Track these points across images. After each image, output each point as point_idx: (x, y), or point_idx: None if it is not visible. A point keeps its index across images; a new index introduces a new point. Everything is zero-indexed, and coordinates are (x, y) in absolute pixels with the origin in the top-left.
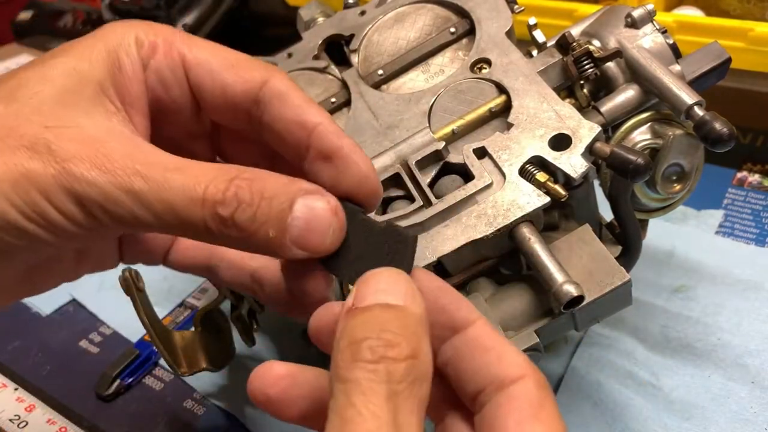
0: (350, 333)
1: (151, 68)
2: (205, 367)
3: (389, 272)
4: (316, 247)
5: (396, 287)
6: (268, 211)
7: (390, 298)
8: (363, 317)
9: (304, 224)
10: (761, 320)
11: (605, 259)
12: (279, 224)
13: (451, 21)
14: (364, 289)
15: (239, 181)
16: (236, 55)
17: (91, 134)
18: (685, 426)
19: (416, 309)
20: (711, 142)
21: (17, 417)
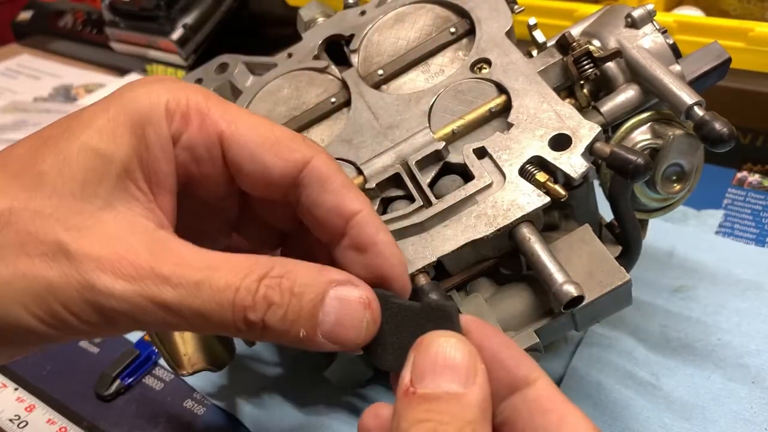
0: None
1: (183, 144)
2: (205, 367)
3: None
4: (351, 341)
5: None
6: (299, 309)
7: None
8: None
9: (336, 320)
10: (761, 320)
11: (605, 259)
12: (310, 322)
13: (451, 21)
14: (421, 360)
15: (269, 280)
16: (277, 132)
17: (113, 233)
18: (685, 426)
19: (478, 394)
20: (711, 142)
21: (17, 417)
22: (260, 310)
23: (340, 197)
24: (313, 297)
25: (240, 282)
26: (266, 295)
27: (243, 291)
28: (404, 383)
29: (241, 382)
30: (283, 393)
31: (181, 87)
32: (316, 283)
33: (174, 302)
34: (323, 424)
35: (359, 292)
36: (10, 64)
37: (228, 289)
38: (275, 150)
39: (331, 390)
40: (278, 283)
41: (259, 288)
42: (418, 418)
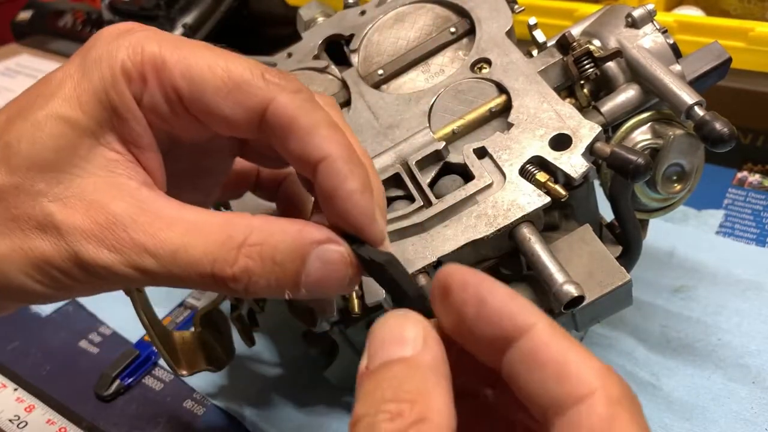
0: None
1: (146, 106)
2: (204, 367)
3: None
4: (334, 294)
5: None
6: (282, 276)
7: (397, 349)
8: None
9: (318, 279)
10: (762, 320)
11: (606, 259)
12: (294, 285)
13: (451, 21)
14: (372, 344)
15: (247, 249)
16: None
17: (94, 200)
18: (686, 426)
19: (426, 356)
20: (711, 142)
21: (17, 417)
22: (242, 281)
23: (303, 143)
24: (294, 262)
25: (217, 251)
26: (246, 267)
27: (221, 262)
28: (360, 369)
29: (241, 382)
30: (283, 393)
31: (138, 39)
32: (297, 246)
33: (154, 270)
34: (323, 424)
35: (340, 250)
36: (9, 64)
37: (205, 257)
38: (232, 96)
39: (331, 390)
40: (258, 252)
41: (238, 258)
42: (367, 392)
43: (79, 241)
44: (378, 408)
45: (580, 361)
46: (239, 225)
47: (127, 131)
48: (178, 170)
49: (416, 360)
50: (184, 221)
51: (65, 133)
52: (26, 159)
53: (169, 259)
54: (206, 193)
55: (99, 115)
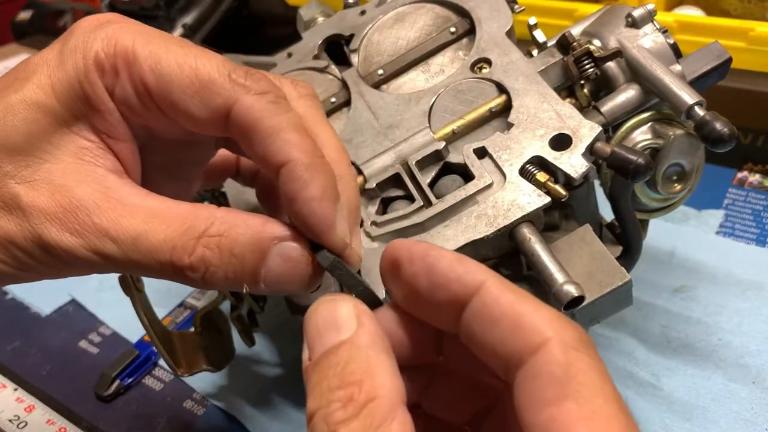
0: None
1: (118, 97)
2: (204, 367)
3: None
4: (294, 291)
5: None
6: (241, 269)
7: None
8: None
9: (278, 276)
10: (762, 320)
11: (606, 259)
12: (252, 279)
13: (451, 21)
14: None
15: (206, 240)
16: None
17: (60, 184)
18: (686, 426)
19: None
20: (712, 142)
21: (17, 417)
22: (199, 270)
23: (264, 147)
24: (254, 257)
25: (177, 239)
26: (204, 257)
27: (180, 250)
28: (304, 362)
29: (241, 382)
30: (283, 393)
31: (114, 31)
32: (257, 240)
33: (115, 256)
34: None
35: (301, 249)
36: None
37: (164, 245)
38: (199, 95)
39: None
40: (217, 243)
41: (196, 248)
42: (314, 384)
43: (43, 223)
44: (328, 398)
45: (533, 311)
46: (201, 215)
47: (99, 121)
48: (158, 161)
49: (354, 341)
50: (147, 209)
51: (37, 119)
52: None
53: (129, 245)
54: (188, 182)
55: (72, 104)
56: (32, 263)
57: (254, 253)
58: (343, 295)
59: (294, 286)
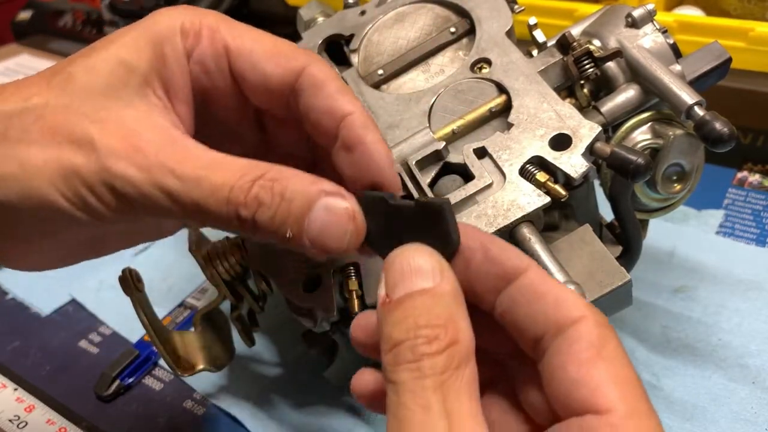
0: (389, 335)
1: (195, 58)
2: (204, 367)
3: (412, 250)
4: (334, 250)
5: (422, 266)
6: (287, 213)
7: (419, 281)
8: (398, 315)
9: (321, 227)
10: (762, 320)
11: (606, 259)
12: (297, 226)
13: (451, 21)
14: (391, 275)
15: (263, 181)
16: (279, 44)
17: (131, 128)
18: (686, 426)
19: (447, 285)
20: (711, 142)
21: (17, 417)
22: (251, 208)
23: (333, 101)
24: (301, 203)
25: (235, 181)
26: (257, 195)
27: (237, 190)
28: (381, 297)
29: (241, 382)
30: (283, 393)
31: (197, 11)
32: (307, 191)
33: (176, 191)
34: (323, 424)
35: (346, 204)
36: (9, 64)
37: (224, 186)
38: (275, 59)
39: (331, 390)
40: (270, 186)
41: (252, 188)
42: (398, 319)
43: (110, 157)
44: (416, 333)
45: (571, 294)
46: (259, 165)
47: (171, 81)
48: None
49: (439, 290)
50: (209, 157)
51: (119, 72)
52: (81, 85)
53: (192, 183)
54: None
55: (151, 62)
56: (94, 201)
57: (302, 200)
58: (425, 246)
59: (335, 242)
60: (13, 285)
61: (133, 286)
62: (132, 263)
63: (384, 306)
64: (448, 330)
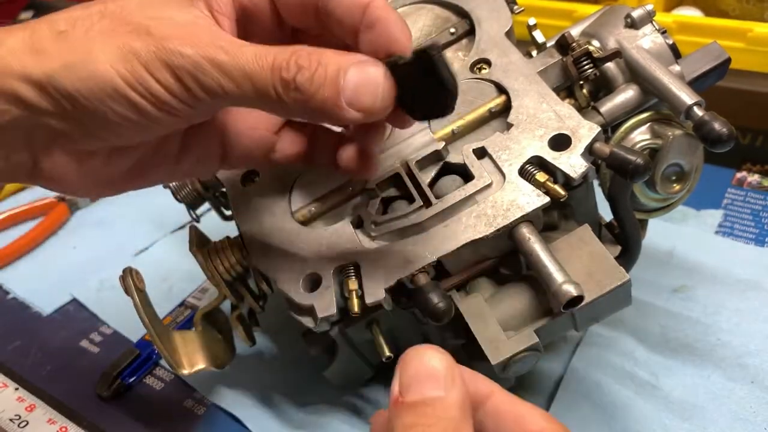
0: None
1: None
2: (205, 366)
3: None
4: (369, 108)
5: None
6: (324, 74)
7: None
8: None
9: (356, 86)
10: (761, 320)
11: (605, 259)
12: (334, 86)
13: (451, 21)
14: (405, 374)
15: (301, 51)
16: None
17: (183, 23)
18: (685, 426)
19: (456, 396)
20: (710, 142)
21: (18, 417)
22: (292, 70)
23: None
24: (336, 67)
25: (277, 51)
26: (297, 60)
27: (279, 57)
28: (394, 394)
29: (241, 382)
30: (283, 393)
31: None
32: (342, 59)
33: (226, 62)
34: (323, 424)
35: (376, 66)
36: None
37: (268, 54)
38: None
39: (331, 390)
40: (308, 54)
41: (291, 56)
42: (408, 423)
43: (165, 39)
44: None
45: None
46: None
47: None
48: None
49: (449, 401)
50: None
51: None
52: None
53: (237, 52)
54: None
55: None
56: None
57: (336, 64)
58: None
59: (370, 99)
60: (14, 285)
61: (134, 285)
62: (133, 263)
63: (396, 405)
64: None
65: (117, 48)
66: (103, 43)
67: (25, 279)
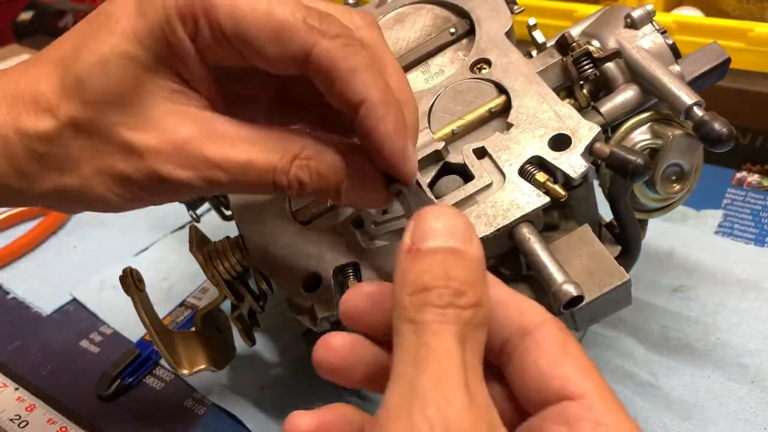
0: (416, 279)
1: (199, 45)
2: (205, 366)
3: (447, 210)
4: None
5: (455, 227)
6: (326, 186)
7: (451, 240)
8: (428, 263)
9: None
10: (761, 320)
11: (605, 259)
12: (335, 195)
13: (451, 21)
14: (421, 226)
15: (299, 161)
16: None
17: (166, 126)
18: (685, 426)
19: (476, 251)
20: (710, 142)
21: (18, 417)
22: (293, 187)
23: (343, 89)
24: (337, 177)
25: (277, 162)
26: (297, 176)
27: (279, 172)
28: (405, 245)
29: (241, 382)
30: (284, 393)
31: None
32: (340, 164)
33: (225, 181)
34: None
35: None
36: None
37: (268, 169)
38: (277, 41)
39: (331, 390)
40: (307, 165)
41: (291, 169)
42: (428, 267)
43: (158, 162)
44: (446, 283)
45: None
46: (294, 140)
47: (182, 66)
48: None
49: (470, 254)
50: (246, 138)
51: (128, 69)
52: (98, 95)
53: (238, 172)
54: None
55: (157, 51)
56: (147, 196)
57: (337, 174)
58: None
59: (371, 203)
60: (14, 285)
61: (134, 285)
62: (133, 263)
63: (410, 253)
64: (475, 291)
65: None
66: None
67: (25, 279)
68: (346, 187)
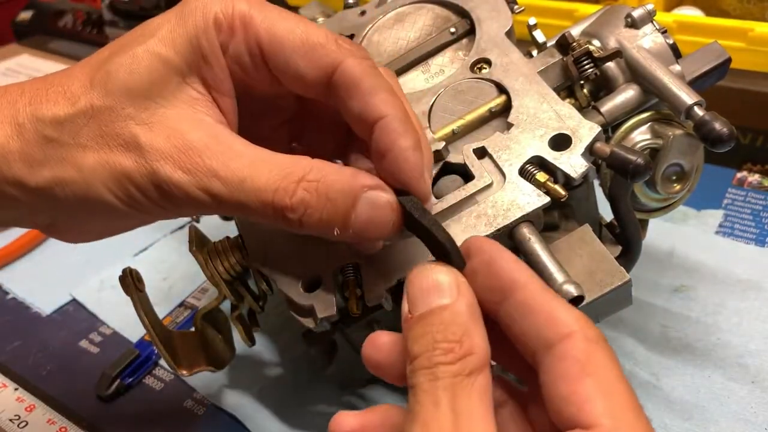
0: (410, 349)
1: (230, 54)
2: (205, 367)
3: (431, 269)
4: (378, 238)
5: (441, 282)
6: (334, 213)
7: (437, 297)
8: (418, 330)
9: (366, 221)
10: (761, 320)
11: (605, 259)
12: (343, 223)
13: (451, 21)
14: (412, 291)
15: (306, 184)
16: (312, 36)
17: (175, 128)
18: (685, 426)
19: (463, 301)
20: (711, 142)
21: (17, 417)
22: (298, 211)
23: (364, 103)
24: (345, 202)
25: (279, 182)
26: (303, 199)
27: (281, 192)
28: (404, 314)
29: (241, 382)
30: (283, 393)
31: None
32: (349, 188)
33: (221, 194)
34: (323, 424)
35: (387, 197)
36: (10, 65)
37: (268, 187)
38: (308, 56)
39: (331, 390)
40: (315, 188)
41: (296, 191)
42: (418, 335)
43: (158, 160)
44: (434, 346)
45: (564, 308)
46: (301, 163)
47: (210, 75)
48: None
49: (456, 307)
50: (252, 155)
51: (158, 69)
52: (122, 85)
53: (236, 185)
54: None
55: (189, 57)
56: (143, 200)
57: (346, 198)
58: (443, 264)
59: (379, 231)
60: (14, 285)
61: (134, 285)
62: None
63: (407, 322)
64: (463, 344)
65: (109, 168)
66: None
67: (25, 279)
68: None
